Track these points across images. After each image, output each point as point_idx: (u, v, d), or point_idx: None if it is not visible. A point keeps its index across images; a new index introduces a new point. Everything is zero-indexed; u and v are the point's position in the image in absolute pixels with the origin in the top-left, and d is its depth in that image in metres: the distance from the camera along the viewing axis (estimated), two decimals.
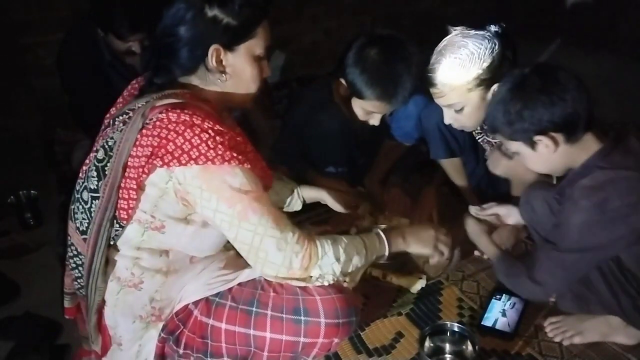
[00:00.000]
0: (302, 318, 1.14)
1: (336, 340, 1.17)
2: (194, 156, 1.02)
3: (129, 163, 1.06)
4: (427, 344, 1.33)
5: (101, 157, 1.10)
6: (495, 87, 1.52)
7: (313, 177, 1.92)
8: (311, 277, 1.14)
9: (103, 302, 1.18)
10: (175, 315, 1.21)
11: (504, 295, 1.56)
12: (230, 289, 1.21)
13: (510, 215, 1.59)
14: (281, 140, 2.08)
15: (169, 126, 1.03)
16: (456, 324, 1.36)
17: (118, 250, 1.13)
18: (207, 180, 1.04)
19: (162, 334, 1.20)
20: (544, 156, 1.25)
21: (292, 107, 2.12)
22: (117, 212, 1.09)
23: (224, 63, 1.13)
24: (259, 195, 1.09)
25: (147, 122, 1.05)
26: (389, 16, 3.62)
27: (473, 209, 1.63)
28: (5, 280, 1.80)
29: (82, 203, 1.12)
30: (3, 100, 2.74)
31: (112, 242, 1.12)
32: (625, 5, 3.36)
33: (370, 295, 1.64)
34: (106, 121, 1.18)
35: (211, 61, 1.11)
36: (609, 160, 1.19)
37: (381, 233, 1.26)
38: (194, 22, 1.09)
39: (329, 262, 1.13)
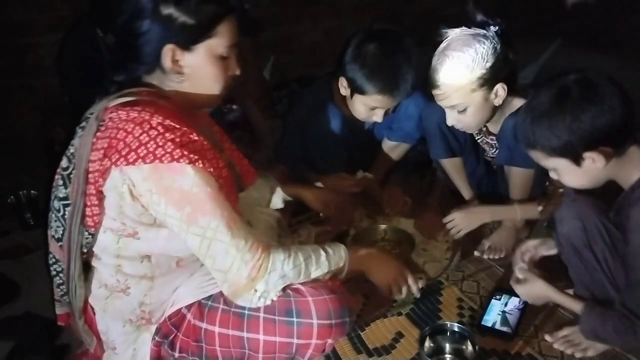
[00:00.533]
0: (295, 320, 1.14)
1: (330, 341, 1.17)
2: (141, 154, 0.98)
3: (89, 168, 1.04)
4: (427, 344, 1.33)
5: (65, 166, 1.09)
6: (497, 87, 1.52)
7: (313, 177, 1.92)
8: (256, 290, 1.09)
9: (86, 307, 1.18)
10: (168, 319, 1.20)
11: (504, 295, 1.56)
12: (222, 292, 1.19)
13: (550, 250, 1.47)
14: (282, 141, 2.08)
15: (119, 125, 1.00)
16: (456, 324, 1.35)
17: (99, 259, 1.13)
18: (156, 182, 1.01)
19: (157, 338, 1.19)
20: (589, 172, 1.17)
21: (292, 108, 2.12)
22: (84, 219, 1.07)
23: (180, 63, 1.08)
24: (213, 197, 1.03)
25: (101, 124, 1.03)
26: (389, 16, 3.63)
27: (521, 273, 1.43)
28: (5, 280, 1.80)
29: (55, 211, 1.12)
30: (3, 100, 2.75)
31: (85, 250, 1.11)
32: (625, 5, 3.36)
33: (370, 295, 1.63)
34: None
35: (166, 61, 1.06)
36: None
37: (345, 251, 1.25)
38: (148, 19, 1.04)
39: (275, 279, 1.10)
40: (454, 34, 1.53)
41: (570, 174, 1.21)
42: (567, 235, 1.34)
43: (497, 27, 1.50)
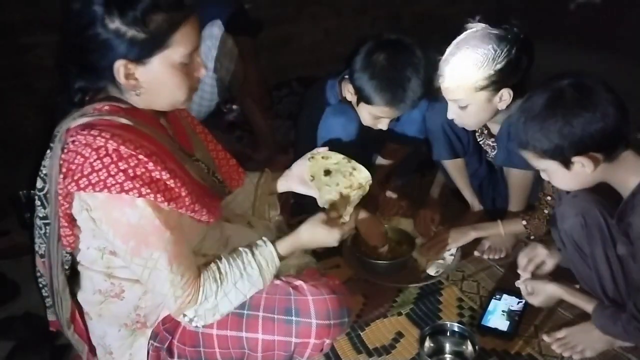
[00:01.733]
0: (294, 318, 1.14)
1: (327, 341, 1.17)
2: (93, 181, 0.96)
3: (59, 191, 1.03)
4: (427, 344, 1.33)
5: (40, 187, 1.08)
6: (503, 92, 1.48)
7: None
8: (185, 315, 1.13)
9: (75, 316, 1.19)
10: (162, 324, 1.20)
11: (504, 295, 1.56)
12: None
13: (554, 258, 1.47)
14: (296, 150, 2.05)
15: (78, 149, 0.98)
16: (456, 324, 1.36)
17: (89, 268, 1.13)
18: (107, 212, 1.00)
19: (155, 344, 1.19)
20: (578, 175, 1.18)
21: (302, 112, 2.06)
22: (60, 239, 1.08)
23: (136, 76, 1.00)
24: (160, 230, 1.02)
25: (65, 146, 1.01)
26: (389, 16, 3.63)
27: (528, 285, 1.43)
28: (5, 280, 1.80)
29: (38, 229, 1.12)
30: (3, 100, 2.75)
31: (66, 267, 1.12)
32: (625, 5, 3.36)
33: (370, 295, 1.63)
34: None
35: (119, 78, 0.99)
36: None
37: (274, 256, 1.18)
38: (96, 32, 0.95)
39: (205, 308, 1.12)
40: (475, 28, 1.49)
41: (560, 176, 1.22)
42: (568, 231, 1.34)
43: (519, 32, 1.46)
